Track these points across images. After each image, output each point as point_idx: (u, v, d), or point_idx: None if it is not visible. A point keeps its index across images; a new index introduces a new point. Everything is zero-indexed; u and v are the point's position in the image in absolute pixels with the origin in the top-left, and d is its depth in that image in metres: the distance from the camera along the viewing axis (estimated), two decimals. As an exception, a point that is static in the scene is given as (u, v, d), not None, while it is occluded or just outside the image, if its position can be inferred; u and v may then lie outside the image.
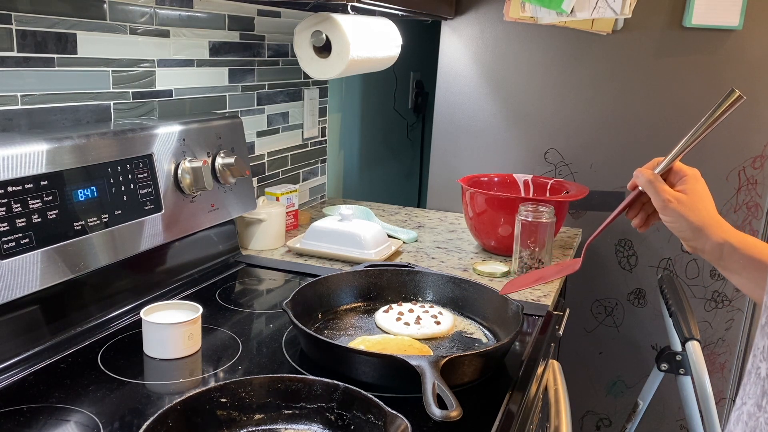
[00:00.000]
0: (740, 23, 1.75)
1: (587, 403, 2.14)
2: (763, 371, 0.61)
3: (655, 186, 0.95)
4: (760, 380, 0.61)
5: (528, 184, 1.81)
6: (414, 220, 1.93)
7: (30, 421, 0.85)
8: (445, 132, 2.06)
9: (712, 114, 0.92)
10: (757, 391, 0.61)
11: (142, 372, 1.00)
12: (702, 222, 0.91)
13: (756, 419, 0.61)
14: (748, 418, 0.62)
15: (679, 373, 1.65)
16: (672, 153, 0.96)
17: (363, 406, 0.82)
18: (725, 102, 0.91)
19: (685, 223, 0.92)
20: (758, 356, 0.62)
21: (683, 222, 0.92)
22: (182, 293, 1.29)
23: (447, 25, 2.00)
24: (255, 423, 0.85)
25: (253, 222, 1.55)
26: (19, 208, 0.96)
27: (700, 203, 0.93)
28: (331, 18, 1.53)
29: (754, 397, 0.62)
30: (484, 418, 0.91)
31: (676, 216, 0.93)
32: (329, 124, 2.09)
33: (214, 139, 1.36)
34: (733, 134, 1.82)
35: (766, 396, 0.60)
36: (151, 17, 1.31)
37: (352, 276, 1.27)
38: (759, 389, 0.61)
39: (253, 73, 1.66)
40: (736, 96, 0.91)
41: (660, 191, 0.94)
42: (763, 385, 0.60)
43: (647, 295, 2.00)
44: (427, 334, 1.13)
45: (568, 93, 1.93)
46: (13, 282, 0.94)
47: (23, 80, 1.08)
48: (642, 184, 0.97)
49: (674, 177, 0.97)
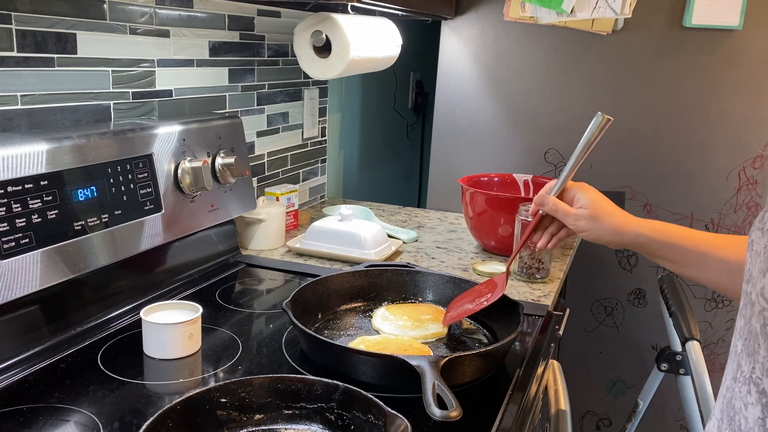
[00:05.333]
0: (740, 23, 1.75)
1: (587, 403, 2.14)
2: (738, 347, 0.66)
3: (562, 209, 1.08)
4: (736, 356, 0.67)
5: (528, 184, 1.81)
6: (414, 220, 1.93)
7: (30, 421, 0.85)
8: (445, 132, 2.07)
9: (588, 140, 1.07)
10: (733, 366, 0.67)
11: (142, 372, 1.00)
12: (612, 224, 1.04)
13: (732, 391, 0.67)
14: (726, 391, 0.68)
15: (679, 373, 1.65)
16: (562, 177, 1.09)
17: (363, 406, 0.82)
18: (597, 127, 1.06)
19: (599, 231, 1.04)
20: (736, 335, 0.68)
21: (597, 231, 1.05)
22: (182, 293, 1.29)
23: (447, 25, 2.00)
24: (255, 423, 0.85)
25: (253, 222, 1.55)
26: (19, 208, 0.96)
27: (603, 210, 1.05)
28: (331, 18, 1.53)
29: (731, 372, 0.68)
30: (484, 418, 0.91)
31: (590, 227, 1.05)
32: (329, 124, 2.09)
33: (214, 139, 1.36)
34: (733, 134, 1.83)
35: (740, 369, 0.65)
36: (151, 17, 1.31)
37: (352, 276, 1.27)
38: (735, 364, 0.67)
39: (253, 73, 1.66)
40: (605, 120, 1.05)
41: (568, 213, 1.07)
42: (738, 360, 0.66)
43: (647, 295, 2.00)
44: (427, 335, 1.13)
45: (568, 93, 1.93)
46: (13, 282, 0.94)
47: (23, 80, 1.08)
48: (550, 211, 1.10)
49: (567, 195, 1.10)
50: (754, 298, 0.63)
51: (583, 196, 1.07)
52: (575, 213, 1.07)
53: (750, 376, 0.64)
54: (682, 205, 1.90)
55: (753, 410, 0.63)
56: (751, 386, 0.64)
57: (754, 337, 0.63)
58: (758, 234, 0.67)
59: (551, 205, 1.09)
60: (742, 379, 0.65)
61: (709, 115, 1.84)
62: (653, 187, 1.92)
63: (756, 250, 0.66)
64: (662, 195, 1.91)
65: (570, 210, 1.07)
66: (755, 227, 0.69)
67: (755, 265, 0.65)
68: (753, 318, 0.63)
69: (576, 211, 1.07)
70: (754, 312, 0.63)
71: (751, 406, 0.63)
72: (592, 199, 1.06)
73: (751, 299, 0.64)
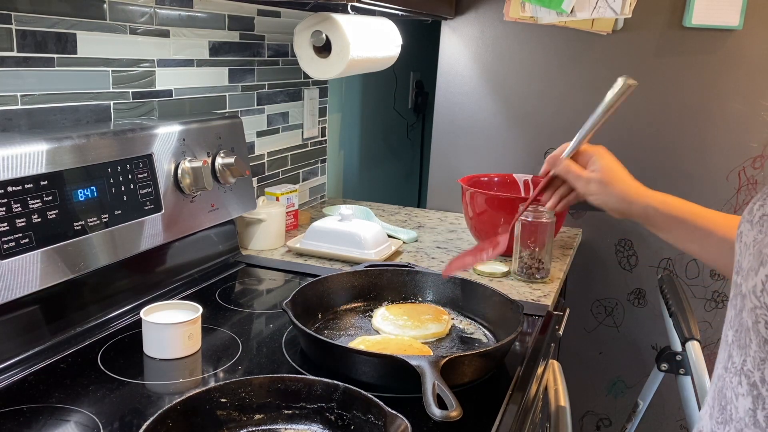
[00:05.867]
0: (740, 23, 1.75)
1: (587, 403, 2.14)
2: (729, 338, 0.68)
3: (573, 171, 1.05)
4: (727, 346, 0.68)
5: (528, 184, 1.81)
6: (414, 220, 1.93)
7: (30, 421, 0.85)
8: (445, 132, 2.06)
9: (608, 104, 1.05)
10: (724, 356, 0.69)
11: (142, 372, 1.00)
12: (623, 192, 1.02)
13: (723, 380, 0.68)
14: (717, 380, 0.70)
15: (679, 373, 1.65)
16: (576, 139, 1.06)
17: (363, 406, 0.82)
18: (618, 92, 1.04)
19: (608, 196, 1.03)
20: (726, 325, 0.69)
21: (606, 196, 1.03)
22: (182, 293, 1.29)
23: (447, 25, 2.00)
24: (255, 423, 0.85)
25: (253, 222, 1.55)
26: (19, 208, 0.96)
27: (615, 176, 1.03)
28: (331, 18, 1.53)
29: (723, 361, 0.69)
30: (484, 418, 0.91)
31: (599, 192, 1.03)
32: (329, 124, 2.09)
33: (214, 139, 1.36)
34: (733, 134, 1.82)
35: (731, 360, 0.67)
36: (151, 17, 1.31)
37: (352, 276, 1.27)
38: (726, 354, 0.68)
39: (253, 73, 1.66)
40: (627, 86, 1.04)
41: (579, 175, 1.05)
42: (729, 350, 0.67)
43: (647, 295, 2.00)
44: (427, 335, 1.13)
45: (568, 93, 1.93)
46: (13, 282, 0.94)
47: (23, 80, 1.08)
48: (560, 171, 1.07)
49: (582, 158, 1.07)
50: (745, 292, 0.64)
51: (598, 160, 1.04)
52: (587, 176, 1.04)
53: (741, 368, 0.65)
54: (682, 205, 1.90)
55: (744, 401, 0.64)
56: (742, 378, 0.65)
57: (746, 331, 0.64)
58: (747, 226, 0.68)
59: (563, 166, 1.06)
60: (734, 369, 0.66)
61: (709, 115, 1.84)
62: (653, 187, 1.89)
63: (745, 242, 0.68)
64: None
65: (582, 172, 1.05)
66: (744, 219, 0.70)
67: (744, 257, 0.67)
68: (744, 312, 0.65)
69: (588, 174, 1.04)
70: (745, 306, 0.64)
71: (742, 397, 0.64)
72: (607, 163, 1.04)
73: (742, 292, 0.66)
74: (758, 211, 0.68)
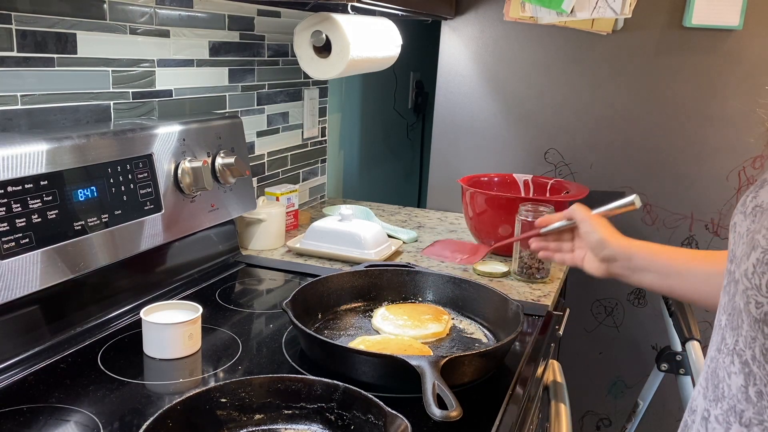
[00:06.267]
0: (740, 23, 1.75)
1: (587, 403, 2.14)
2: (723, 322, 0.72)
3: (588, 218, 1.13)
4: (720, 329, 0.73)
5: (528, 184, 1.81)
6: (414, 220, 1.93)
7: (30, 421, 0.85)
8: (445, 132, 2.06)
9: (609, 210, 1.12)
10: (717, 338, 0.73)
11: (142, 372, 1.00)
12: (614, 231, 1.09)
13: (716, 361, 0.73)
14: (710, 362, 0.74)
15: (679, 373, 1.65)
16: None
17: (363, 406, 0.82)
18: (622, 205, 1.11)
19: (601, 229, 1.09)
20: (720, 311, 0.74)
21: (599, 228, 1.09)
22: (182, 293, 1.29)
23: (447, 25, 2.00)
24: (255, 423, 0.85)
25: (253, 222, 1.55)
26: (19, 208, 0.96)
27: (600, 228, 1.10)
28: (331, 18, 1.53)
29: (715, 344, 0.74)
30: (484, 418, 0.91)
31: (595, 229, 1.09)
32: (329, 124, 2.09)
33: (214, 139, 1.36)
34: (733, 134, 1.82)
35: (724, 341, 0.71)
36: (151, 17, 1.31)
37: (352, 276, 1.27)
38: (719, 336, 0.73)
39: (253, 73, 1.66)
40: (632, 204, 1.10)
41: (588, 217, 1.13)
42: (723, 333, 0.72)
43: (647, 295, 2.00)
44: (427, 335, 1.13)
45: (568, 93, 1.93)
46: (13, 282, 0.94)
47: (23, 80, 1.08)
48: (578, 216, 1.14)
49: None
50: (738, 277, 0.69)
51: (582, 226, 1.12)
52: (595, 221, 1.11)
53: (734, 348, 0.69)
54: (682, 205, 1.90)
55: (736, 379, 0.69)
56: (734, 357, 0.69)
57: (738, 313, 0.68)
58: (741, 217, 0.73)
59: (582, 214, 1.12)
60: (726, 350, 0.71)
61: (709, 115, 1.84)
62: (653, 187, 1.92)
63: (739, 232, 0.72)
64: (662, 195, 1.91)
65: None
66: (737, 211, 0.75)
67: (738, 246, 0.71)
68: (737, 295, 0.69)
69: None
70: (737, 290, 0.69)
71: (734, 375, 0.69)
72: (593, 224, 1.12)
73: (735, 278, 0.70)
74: (751, 203, 0.72)
